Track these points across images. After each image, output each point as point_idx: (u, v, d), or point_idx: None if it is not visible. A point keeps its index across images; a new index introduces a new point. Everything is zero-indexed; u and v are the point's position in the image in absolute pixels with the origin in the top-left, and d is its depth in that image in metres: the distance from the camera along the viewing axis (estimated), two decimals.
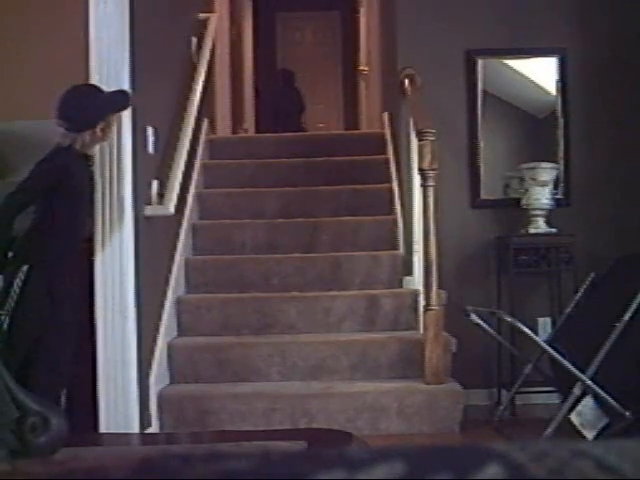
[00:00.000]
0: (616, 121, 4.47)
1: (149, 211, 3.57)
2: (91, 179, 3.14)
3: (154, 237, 3.69)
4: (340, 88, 9.47)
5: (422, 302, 3.80)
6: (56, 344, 2.91)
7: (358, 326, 4.01)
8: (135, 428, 3.23)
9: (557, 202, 4.29)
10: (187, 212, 4.45)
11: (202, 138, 5.07)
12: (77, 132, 2.95)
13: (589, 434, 3.05)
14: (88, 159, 3.10)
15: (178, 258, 4.16)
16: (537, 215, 4.22)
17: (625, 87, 4.46)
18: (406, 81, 4.27)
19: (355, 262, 4.29)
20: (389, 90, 5.20)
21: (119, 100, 3.10)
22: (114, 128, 3.11)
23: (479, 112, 4.47)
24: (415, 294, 4.03)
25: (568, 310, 3.71)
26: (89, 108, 3.00)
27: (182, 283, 4.23)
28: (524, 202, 4.24)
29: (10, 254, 2.91)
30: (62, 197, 2.93)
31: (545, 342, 3.39)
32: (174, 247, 4.19)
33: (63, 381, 2.95)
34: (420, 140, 3.68)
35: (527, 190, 4.23)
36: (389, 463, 0.37)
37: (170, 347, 3.81)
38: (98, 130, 2.98)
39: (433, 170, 3.64)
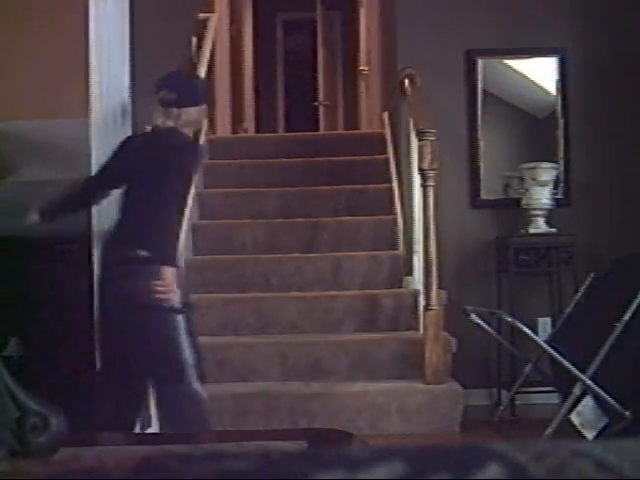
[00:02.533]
0: (616, 121, 4.46)
1: None
2: None
3: None
4: (340, 88, 9.46)
5: (422, 302, 3.80)
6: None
7: (358, 326, 4.01)
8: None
9: (557, 202, 4.30)
10: (187, 212, 4.45)
11: (202, 138, 5.06)
12: (182, 107, 2.80)
13: (589, 434, 3.05)
14: None
15: None
16: (537, 215, 4.22)
17: (625, 87, 4.46)
18: (406, 81, 4.27)
19: (355, 262, 4.29)
20: (389, 90, 5.20)
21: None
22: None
23: (479, 112, 4.47)
24: (415, 294, 4.03)
25: (568, 310, 3.71)
26: (198, 86, 2.95)
27: None
28: (524, 202, 4.24)
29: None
30: (179, 179, 2.81)
31: (545, 342, 3.39)
32: None
33: None
34: (420, 140, 3.68)
35: (527, 190, 4.23)
36: (389, 463, 0.37)
37: None
38: (199, 110, 2.87)
39: (433, 170, 3.64)
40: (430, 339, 3.61)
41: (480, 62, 4.48)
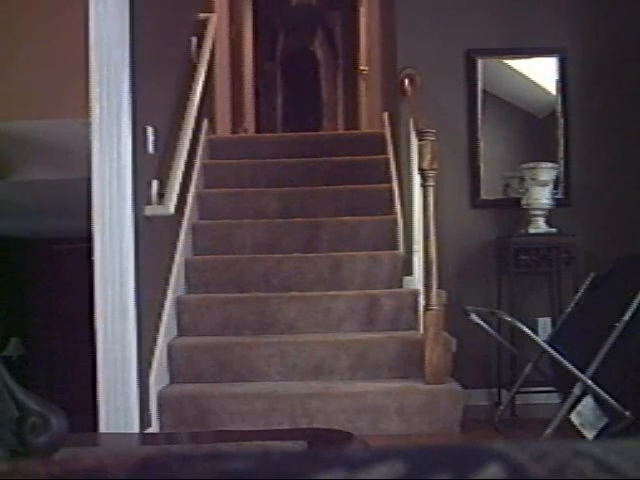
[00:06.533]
0: (616, 121, 4.47)
1: (149, 211, 3.57)
2: None
3: (154, 237, 3.68)
4: (340, 88, 9.47)
5: (422, 302, 3.80)
6: None
7: (358, 326, 4.01)
8: (135, 428, 3.23)
9: (557, 202, 4.30)
10: (187, 212, 4.45)
11: (202, 138, 5.06)
12: None
13: (589, 434, 3.05)
14: None
15: (178, 258, 4.16)
16: (537, 215, 4.22)
17: (625, 87, 4.46)
18: (406, 81, 4.27)
19: (355, 262, 4.29)
20: (389, 90, 5.20)
21: None
22: None
23: (479, 112, 4.47)
24: (415, 294, 4.03)
25: (568, 310, 3.71)
26: None
27: (182, 283, 4.22)
28: (524, 202, 4.24)
29: None
30: None
31: (545, 342, 3.39)
32: (174, 247, 4.18)
33: None
34: (420, 140, 3.68)
35: (527, 190, 4.23)
36: (389, 463, 0.37)
37: (170, 347, 3.81)
38: None
39: (433, 170, 3.64)
40: (430, 339, 3.61)
41: (480, 62, 4.48)
